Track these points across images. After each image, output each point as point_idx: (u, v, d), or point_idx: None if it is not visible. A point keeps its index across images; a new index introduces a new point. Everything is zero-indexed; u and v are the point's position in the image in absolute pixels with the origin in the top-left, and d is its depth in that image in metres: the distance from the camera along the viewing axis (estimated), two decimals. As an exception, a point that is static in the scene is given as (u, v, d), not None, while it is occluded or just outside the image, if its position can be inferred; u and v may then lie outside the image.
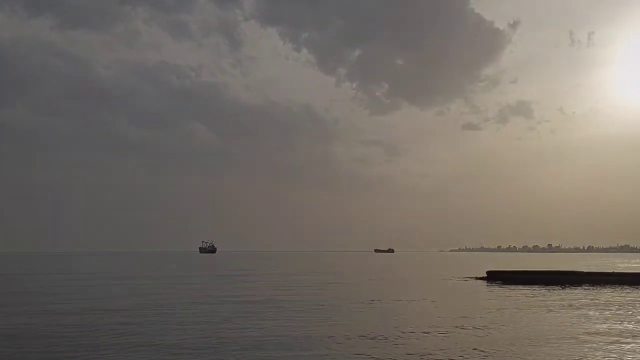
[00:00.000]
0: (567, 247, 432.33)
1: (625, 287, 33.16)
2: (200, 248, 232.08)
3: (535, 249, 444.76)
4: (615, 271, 40.72)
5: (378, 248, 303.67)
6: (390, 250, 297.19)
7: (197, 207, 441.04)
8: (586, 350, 12.13)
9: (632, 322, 16.84)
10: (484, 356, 11.48)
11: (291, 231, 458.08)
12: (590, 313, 19.36)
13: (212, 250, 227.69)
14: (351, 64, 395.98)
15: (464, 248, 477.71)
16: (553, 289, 31.56)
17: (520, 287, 33.85)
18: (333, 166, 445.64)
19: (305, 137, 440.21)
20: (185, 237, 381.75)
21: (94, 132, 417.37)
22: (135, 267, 70.76)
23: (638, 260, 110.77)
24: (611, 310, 20.38)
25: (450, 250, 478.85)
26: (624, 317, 18.23)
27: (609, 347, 12.52)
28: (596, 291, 30.09)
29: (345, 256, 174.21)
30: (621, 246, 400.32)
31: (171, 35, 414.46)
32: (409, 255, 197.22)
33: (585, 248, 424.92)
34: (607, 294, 28.35)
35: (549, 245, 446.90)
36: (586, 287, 33.05)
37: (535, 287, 33.75)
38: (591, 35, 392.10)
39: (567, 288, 32.61)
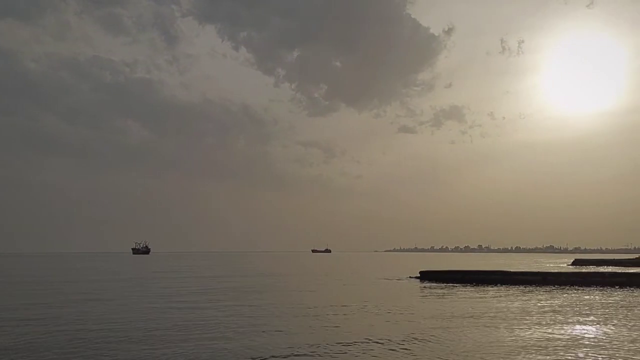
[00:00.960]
0: (496, 248, 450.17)
1: (549, 285, 34.73)
2: (133, 249, 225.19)
3: (466, 249, 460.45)
4: (539, 271, 42.84)
5: (315, 248, 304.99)
6: (327, 251, 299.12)
7: (132, 207, 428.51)
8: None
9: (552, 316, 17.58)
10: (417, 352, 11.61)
11: (228, 231, 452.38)
12: (512, 310, 20.05)
13: (145, 251, 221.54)
14: (290, 64, 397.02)
15: (398, 248, 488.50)
16: (482, 288, 32.58)
17: (452, 285, 34.85)
18: (271, 166, 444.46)
19: (243, 136, 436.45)
20: (119, 237, 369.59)
21: (22, 128, 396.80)
22: (45, 270, 67.51)
23: (561, 260, 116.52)
24: (533, 308, 21.19)
25: (385, 251, 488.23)
26: (539, 313, 19.00)
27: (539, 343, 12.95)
28: (527, 290, 31.32)
29: (282, 257, 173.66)
30: (546, 247, 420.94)
31: (104, 29, 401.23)
32: (345, 256, 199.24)
33: (513, 248, 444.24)
34: (532, 292, 29.57)
35: (479, 245, 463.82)
36: (513, 286, 34.30)
37: (467, 285, 34.79)
38: (521, 44, 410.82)
39: (496, 286, 33.77)
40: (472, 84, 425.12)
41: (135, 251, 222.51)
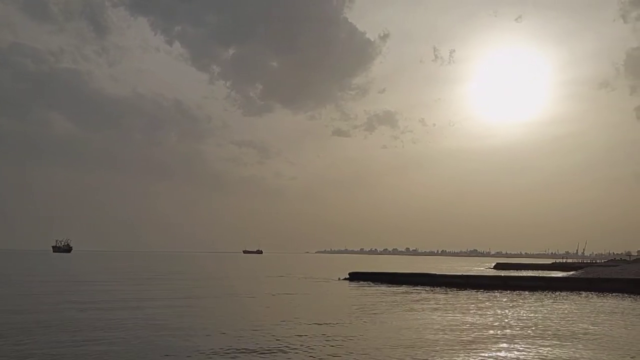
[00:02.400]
0: (423, 251, 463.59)
1: (469, 289, 35.98)
2: (53, 247, 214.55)
3: (395, 252, 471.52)
4: (463, 274, 44.48)
5: (247, 249, 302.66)
6: (259, 252, 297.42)
7: (54, 203, 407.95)
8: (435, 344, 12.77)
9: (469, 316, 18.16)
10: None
11: (158, 230, 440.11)
12: (434, 309, 20.57)
13: (67, 249, 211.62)
14: (226, 62, 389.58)
15: (329, 250, 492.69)
16: (409, 289, 33.31)
17: (379, 286, 35.40)
18: (204, 165, 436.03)
19: (174, 133, 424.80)
20: (40, 234, 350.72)
21: None
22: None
23: (484, 264, 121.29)
24: (451, 307, 21.85)
25: (316, 252, 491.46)
26: (457, 312, 19.61)
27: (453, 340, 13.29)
28: (451, 292, 32.25)
29: (212, 257, 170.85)
30: (470, 250, 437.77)
31: (28, 15, 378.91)
32: (277, 257, 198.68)
33: (439, 252, 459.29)
34: (455, 294, 30.52)
35: (407, 248, 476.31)
36: (438, 288, 35.28)
37: (394, 287, 35.44)
38: (452, 53, 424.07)
39: (422, 288, 34.60)
40: (405, 90, 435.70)
41: (56, 249, 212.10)
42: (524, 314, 20.21)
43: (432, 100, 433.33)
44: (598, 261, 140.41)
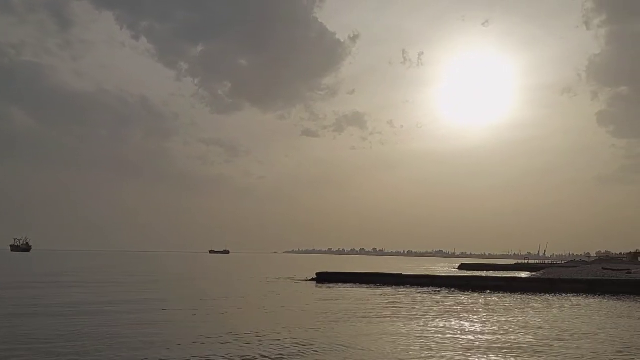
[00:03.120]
0: (390, 251, 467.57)
1: (435, 288, 36.45)
2: (11, 246, 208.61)
3: (362, 252, 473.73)
4: (428, 274, 45.08)
5: (213, 249, 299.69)
6: (226, 252, 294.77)
7: (14, 200, 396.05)
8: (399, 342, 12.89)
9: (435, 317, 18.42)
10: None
11: (123, 229, 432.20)
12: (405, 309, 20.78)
13: (26, 248, 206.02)
14: (193, 59, 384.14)
15: (297, 250, 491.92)
16: (377, 289, 33.52)
17: (347, 287, 35.55)
18: (170, 163, 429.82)
19: (140, 130, 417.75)
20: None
21: None
22: None
23: (449, 264, 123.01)
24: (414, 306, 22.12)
25: (284, 252, 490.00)
26: (418, 312, 19.88)
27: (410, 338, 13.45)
28: (415, 291, 32.62)
29: (178, 257, 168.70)
30: (436, 251, 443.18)
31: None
32: (244, 257, 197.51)
33: (406, 252, 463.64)
34: (421, 294, 30.91)
35: (374, 248, 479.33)
36: (404, 288, 35.60)
37: (362, 287, 35.63)
38: (421, 55, 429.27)
39: (389, 288, 34.86)
40: (374, 91, 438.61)
41: (15, 248, 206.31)
42: (489, 315, 20.56)
43: (400, 102, 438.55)
44: (558, 262, 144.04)
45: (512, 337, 14.86)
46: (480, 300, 27.22)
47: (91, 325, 15.81)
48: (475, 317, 19.55)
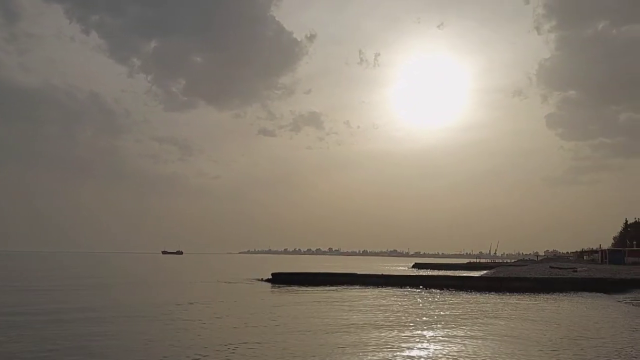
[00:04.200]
0: (345, 251, 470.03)
1: (389, 287, 36.88)
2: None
3: (318, 252, 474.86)
4: (383, 274, 45.67)
5: (166, 250, 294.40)
6: (179, 252, 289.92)
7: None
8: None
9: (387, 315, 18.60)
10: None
11: (72, 229, 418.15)
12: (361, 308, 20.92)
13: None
14: (147, 55, 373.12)
15: (252, 250, 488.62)
16: (330, 289, 33.65)
17: (302, 288, 35.50)
18: (122, 161, 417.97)
19: (90, 127, 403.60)
20: None
21: None
22: None
23: (403, 264, 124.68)
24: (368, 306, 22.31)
25: (239, 253, 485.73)
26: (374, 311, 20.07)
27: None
28: (368, 290, 32.90)
29: (129, 258, 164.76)
30: (390, 251, 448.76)
31: None
32: (198, 257, 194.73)
33: (361, 252, 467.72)
34: (371, 292, 31.20)
35: (330, 248, 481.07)
36: (360, 288, 35.87)
37: (316, 287, 35.66)
38: (377, 57, 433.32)
39: (344, 288, 35.04)
40: (330, 91, 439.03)
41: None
42: (441, 312, 20.91)
43: (357, 102, 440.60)
44: (508, 261, 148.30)
45: (464, 333, 15.15)
46: (436, 299, 27.70)
47: (23, 341, 13.90)
48: (435, 317, 19.84)
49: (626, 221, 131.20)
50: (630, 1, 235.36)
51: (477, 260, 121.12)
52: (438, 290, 34.16)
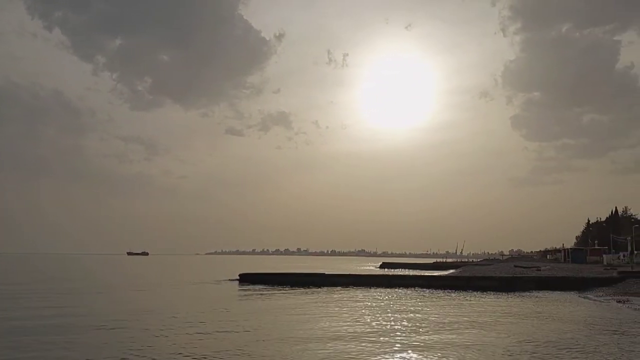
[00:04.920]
0: (314, 251, 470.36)
1: (360, 287, 36.98)
2: None
3: (287, 252, 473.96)
4: (352, 273, 45.92)
5: (131, 251, 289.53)
6: (145, 253, 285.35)
7: None
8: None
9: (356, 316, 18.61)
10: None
11: (35, 230, 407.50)
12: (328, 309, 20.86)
13: None
14: (112, 52, 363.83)
15: (220, 251, 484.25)
16: (299, 290, 33.55)
17: (270, 288, 35.29)
18: (86, 161, 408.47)
19: (53, 126, 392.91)
20: None
21: None
22: None
23: (371, 263, 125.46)
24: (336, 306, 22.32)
25: (207, 253, 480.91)
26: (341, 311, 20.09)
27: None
28: (340, 291, 32.92)
29: (93, 259, 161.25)
30: (358, 250, 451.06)
31: None
32: (164, 259, 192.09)
33: (329, 252, 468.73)
34: (340, 292, 31.24)
35: (298, 248, 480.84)
36: (329, 288, 35.85)
37: (285, 288, 35.52)
38: (346, 57, 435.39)
39: (312, 288, 34.97)
40: (299, 91, 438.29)
41: None
42: (406, 311, 21.03)
43: (325, 102, 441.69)
44: (474, 260, 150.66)
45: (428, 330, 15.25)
46: (404, 299, 27.88)
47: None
48: (406, 316, 19.92)
49: (588, 221, 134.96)
50: (593, 4, 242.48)
51: (444, 260, 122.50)
52: (405, 290, 34.38)
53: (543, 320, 19.07)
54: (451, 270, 68.20)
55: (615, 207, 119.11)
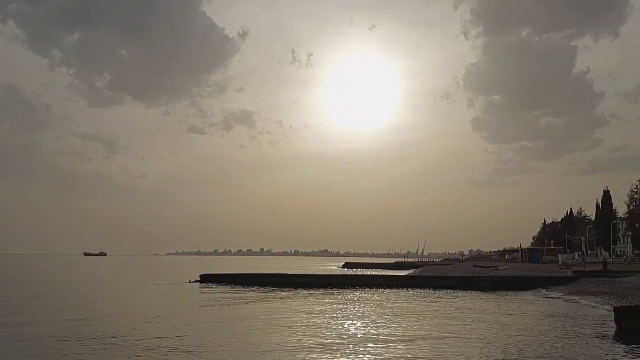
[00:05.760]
0: (277, 251, 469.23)
1: (322, 287, 36.95)
2: None
3: (250, 253, 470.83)
4: (314, 273, 45.90)
5: (88, 252, 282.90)
6: (103, 254, 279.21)
7: None
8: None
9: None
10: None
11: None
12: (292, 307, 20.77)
13: None
14: (69, 47, 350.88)
15: (181, 252, 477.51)
16: (262, 290, 33.31)
17: (232, 288, 34.92)
18: (42, 159, 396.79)
19: (8, 122, 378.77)
20: None
21: None
22: None
23: (334, 263, 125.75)
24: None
25: (167, 254, 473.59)
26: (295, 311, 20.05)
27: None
28: (301, 292, 32.82)
29: (49, 260, 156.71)
30: (322, 251, 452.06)
31: None
32: (123, 259, 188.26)
33: (292, 252, 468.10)
34: (310, 294, 31.18)
35: (262, 249, 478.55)
36: (289, 288, 35.70)
37: (247, 288, 35.20)
38: (310, 57, 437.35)
39: (276, 289, 34.77)
40: (263, 91, 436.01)
41: None
42: (368, 311, 21.12)
43: (290, 102, 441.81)
44: (435, 260, 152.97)
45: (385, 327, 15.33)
46: (367, 299, 28.04)
47: None
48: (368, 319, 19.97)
49: (545, 222, 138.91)
50: (552, 11, 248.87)
51: (405, 260, 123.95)
52: (367, 290, 34.55)
53: (492, 315, 19.47)
54: (412, 270, 68.96)
55: (571, 209, 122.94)
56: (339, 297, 29.36)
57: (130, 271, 73.64)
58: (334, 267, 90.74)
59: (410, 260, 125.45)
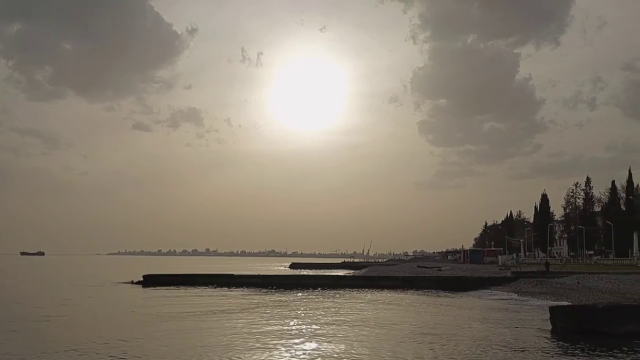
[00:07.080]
0: (223, 252, 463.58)
1: (268, 287, 36.86)
2: None
3: (195, 253, 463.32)
4: (260, 274, 45.72)
5: (25, 251, 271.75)
6: (40, 253, 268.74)
7: None
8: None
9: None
10: None
11: None
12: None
13: None
14: (8, 38, 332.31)
15: (123, 251, 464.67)
16: (206, 290, 32.89)
17: (175, 289, 34.30)
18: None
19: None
20: None
21: None
22: None
23: (281, 263, 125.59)
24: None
25: (108, 254, 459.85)
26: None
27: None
28: (249, 292, 32.61)
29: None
30: (269, 251, 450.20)
31: None
32: (62, 259, 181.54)
33: (239, 252, 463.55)
34: (252, 294, 31.00)
35: (207, 249, 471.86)
36: (237, 289, 35.46)
37: (190, 288, 34.67)
38: (260, 56, 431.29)
39: (218, 288, 34.42)
40: (212, 88, 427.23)
41: None
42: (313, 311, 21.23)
43: (238, 101, 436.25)
44: (380, 260, 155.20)
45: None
46: (314, 299, 28.20)
47: None
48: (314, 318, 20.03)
49: (486, 223, 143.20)
50: (496, 18, 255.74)
51: (352, 260, 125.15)
52: (313, 290, 34.71)
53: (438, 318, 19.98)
54: (358, 270, 69.71)
55: (510, 211, 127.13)
56: (285, 297, 29.37)
57: (68, 271, 71.19)
58: (281, 268, 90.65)
59: (357, 260, 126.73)
